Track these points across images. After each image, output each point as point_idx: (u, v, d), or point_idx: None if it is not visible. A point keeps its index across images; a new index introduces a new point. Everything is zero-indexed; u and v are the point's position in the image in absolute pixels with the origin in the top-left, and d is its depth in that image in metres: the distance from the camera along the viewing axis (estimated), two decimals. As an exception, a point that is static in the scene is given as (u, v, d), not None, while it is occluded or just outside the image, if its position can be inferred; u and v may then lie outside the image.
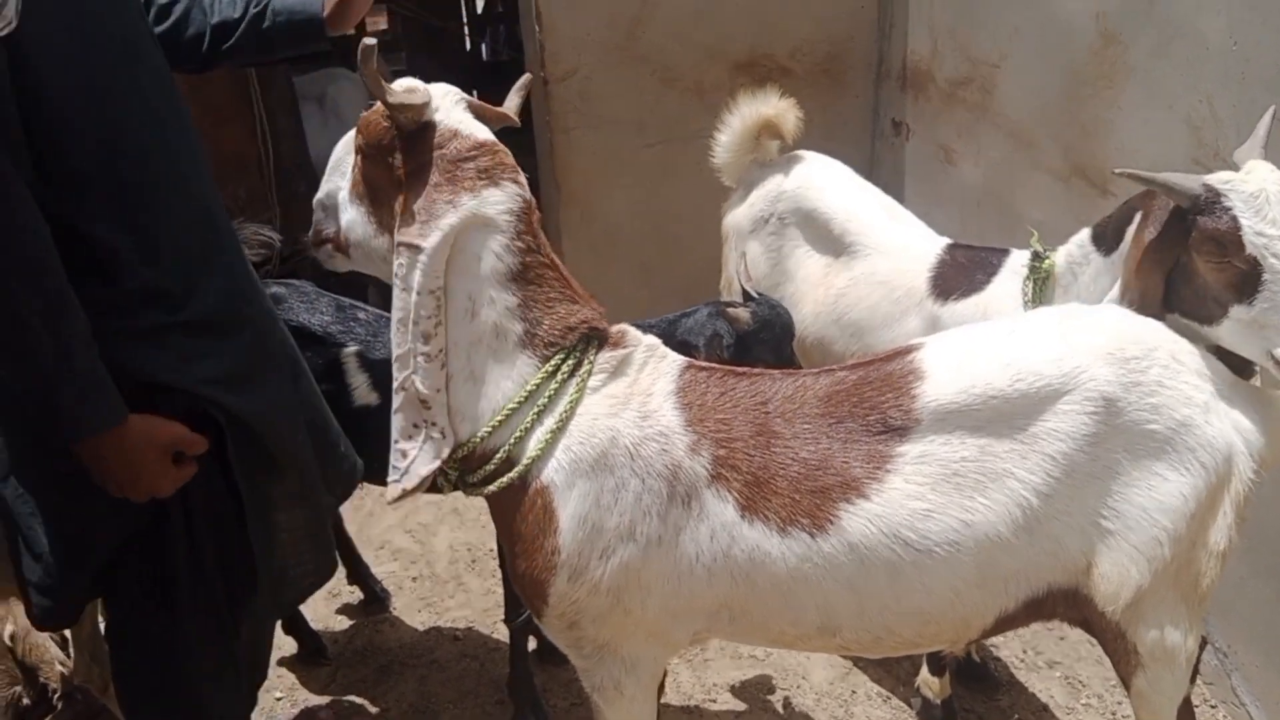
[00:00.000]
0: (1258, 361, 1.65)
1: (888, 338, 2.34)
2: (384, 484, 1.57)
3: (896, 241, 2.41)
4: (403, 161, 1.48)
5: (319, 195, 1.64)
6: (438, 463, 1.52)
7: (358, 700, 2.73)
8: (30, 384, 1.44)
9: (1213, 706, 2.55)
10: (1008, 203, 3.23)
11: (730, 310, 2.11)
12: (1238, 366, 1.66)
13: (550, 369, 1.53)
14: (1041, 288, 2.01)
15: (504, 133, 1.63)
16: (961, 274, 2.22)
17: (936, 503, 1.50)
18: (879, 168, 4.14)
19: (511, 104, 1.67)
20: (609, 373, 1.56)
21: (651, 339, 1.64)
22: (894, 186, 4.03)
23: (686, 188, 3.97)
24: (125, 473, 1.52)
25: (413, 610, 3.04)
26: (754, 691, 2.68)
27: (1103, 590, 1.56)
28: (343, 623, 3.04)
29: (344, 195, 1.60)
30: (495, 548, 3.31)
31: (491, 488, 1.55)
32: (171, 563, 1.72)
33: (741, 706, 2.64)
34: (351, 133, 1.56)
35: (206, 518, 1.73)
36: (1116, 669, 1.71)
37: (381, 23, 10.03)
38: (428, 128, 1.49)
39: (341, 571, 3.10)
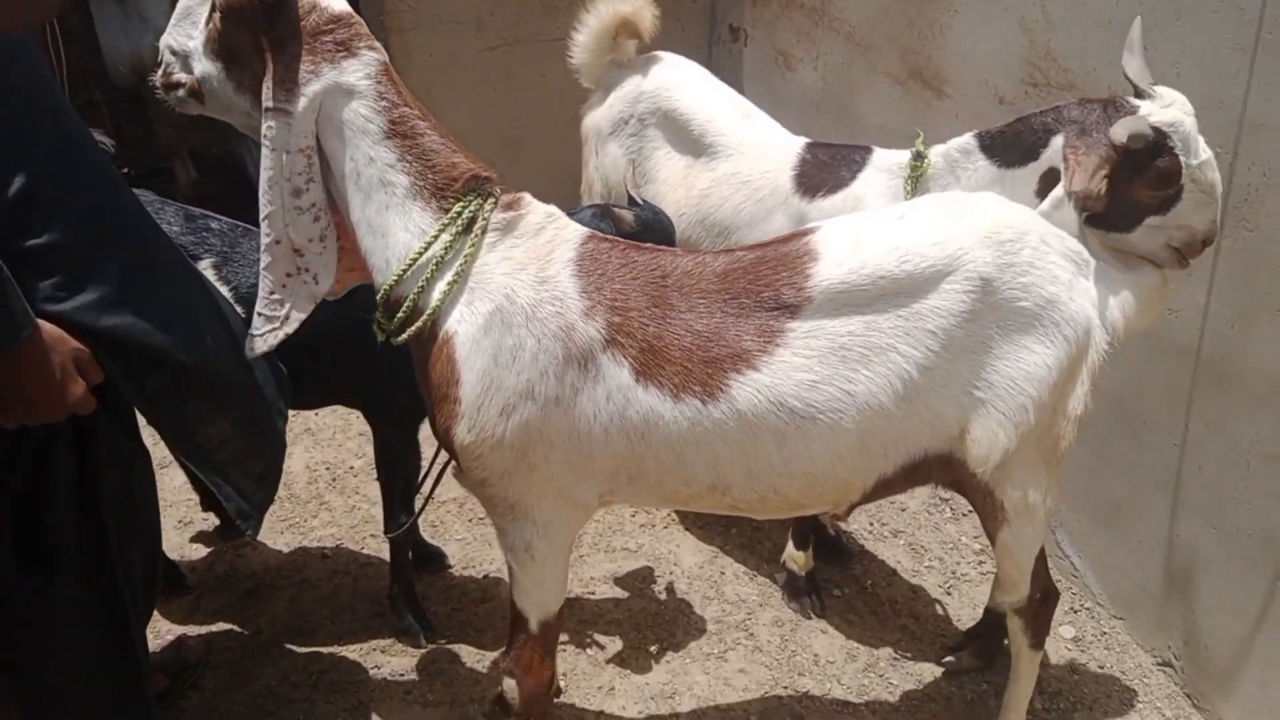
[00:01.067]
0: (1154, 254, 1.88)
1: (754, 236, 2.40)
2: None
3: (755, 141, 2.47)
4: (265, 31, 1.54)
5: (168, 40, 1.66)
6: (312, 305, 1.64)
7: (226, 625, 2.64)
8: None
9: (1037, 560, 2.86)
10: (846, 106, 3.36)
11: (615, 210, 2.12)
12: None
13: (445, 220, 1.59)
14: (917, 185, 2.12)
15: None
16: (825, 171, 2.30)
17: (822, 374, 1.62)
18: (717, 72, 4.14)
19: None
20: (503, 231, 1.63)
21: (550, 207, 1.71)
22: (733, 90, 4.10)
23: (530, 91, 3.91)
24: (42, 384, 1.42)
25: (275, 533, 2.94)
26: (629, 581, 2.78)
27: (974, 453, 1.72)
28: (200, 550, 2.90)
29: (197, 47, 1.62)
30: (354, 466, 3.25)
31: (405, 335, 1.64)
32: (57, 515, 1.63)
33: (620, 594, 2.74)
34: None
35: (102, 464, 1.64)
36: (984, 524, 1.89)
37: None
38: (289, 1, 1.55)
39: (193, 498, 2.96)
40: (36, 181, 1.44)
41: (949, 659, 2.50)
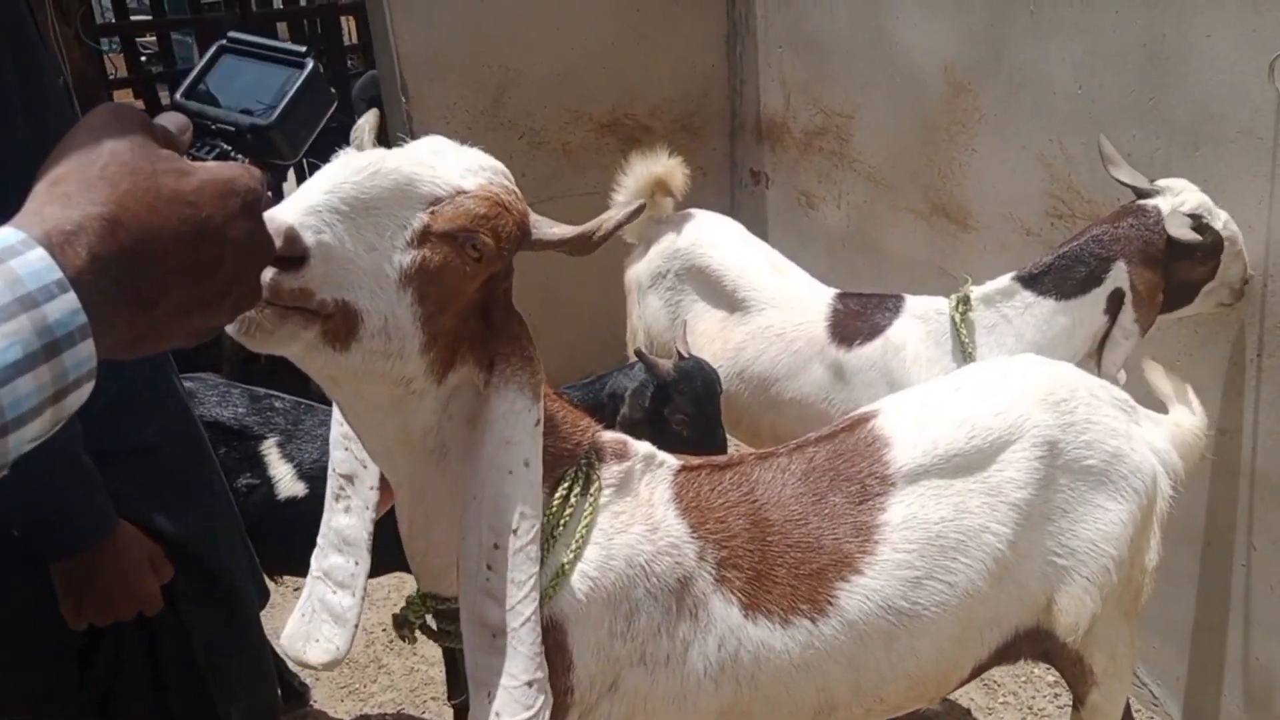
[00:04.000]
0: (1206, 311, 2.14)
1: (793, 386, 2.46)
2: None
3: (787, 295, 2.55)
4: (506, 286, 1.25)
5: (324, 239, 1.02)
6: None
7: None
8: (40, 491, 1.34)
9: (1113, 688, 2.78)
10: (872, 241, 3.46)
11: (652, 359, 2.18)
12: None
13: (563, 492, 1.36)
14: (966, 328, 2.18)
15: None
16: (859, 320, 2.37)
17: (924, 568, 1.53)
18: (739, 214, 4.31)
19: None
20: (616, 487, 1.42)
21: (647, 446, 1.51)
22: (756, 231, 4.19)
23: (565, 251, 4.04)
24: (119, 582, 1.44)
25: (335, 700, 2.92)
26: None
27: (1063, 623, 1.64)
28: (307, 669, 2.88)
29: (384, 268, 1.08)
30: (410, 625, 3.24)
31: None
32: (132, 707, 1.65)
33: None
34: (391, 174, 1.07)
35: (168, 654, 1.66)
36: (1073, 690, 1.80)
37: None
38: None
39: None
40: (131, 385, 1.50)
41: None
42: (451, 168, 1.12)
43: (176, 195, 0.68)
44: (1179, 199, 2.01)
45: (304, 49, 0.79)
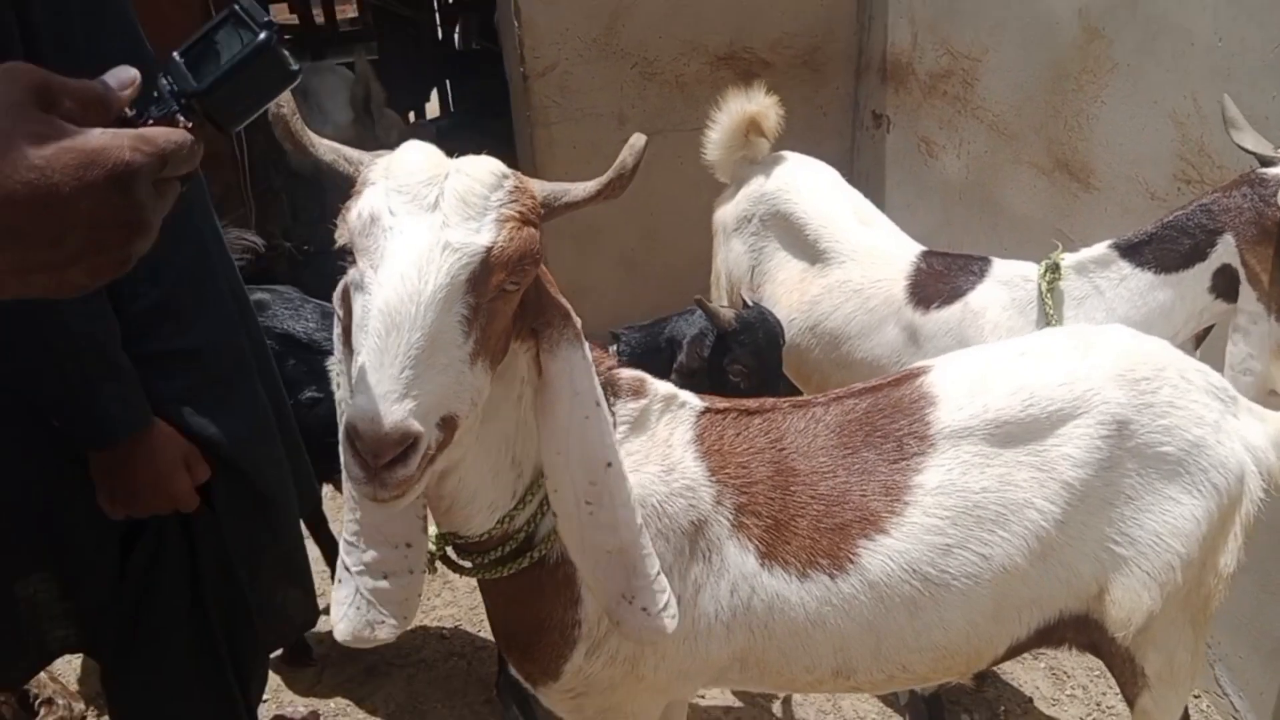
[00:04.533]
0: None
1: (865, 346, 2.33)
2: None
3: (870, 248, 2.41)
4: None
5: (422, 408, 1.03)
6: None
7: (344, 701, 2.71)
8: (77, 381, 1.41)
9: (1196, 696, 2.59)
10: (989, 195, 3.24)
11: (713, 307, 2.10)
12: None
13: None
14: (1054, 298, 2.01)
15: (481, 121, 1.43)
16: (940, 281, 2.22)
17: (956, 537, 1.46)
18: (860, 159, 4.15)
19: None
20: (631, 425, 1.43)
21: (667, 386, 1.51)
22: (874, 178, 4.04)
23: (667, 180, 3.96)
24: (151, 478, 1.50)
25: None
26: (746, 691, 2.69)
27: (1114, 616, 1.53)
28: (326, 624, 3.00)
29: (460, 371, 1.08)
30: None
31: (505, 570, 1.38)
32: (170, 599, 1.72)
33: (733, 702, 2.65)
34: (434, 296, 1.04)
35: (203, 550, 1.72)
36: (1122, 690, 1.68)
37: (351, 11, 9.94)
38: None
39: (326, 572, 3.07)
40: (173, 292, 1.54)
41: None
42: (462, 227, 1.07)
43: (23, 159, 0.68)
44: None
45: (269, 21, 0.75)
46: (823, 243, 2.45)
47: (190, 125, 0.79)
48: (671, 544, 1.42)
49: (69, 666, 2.76)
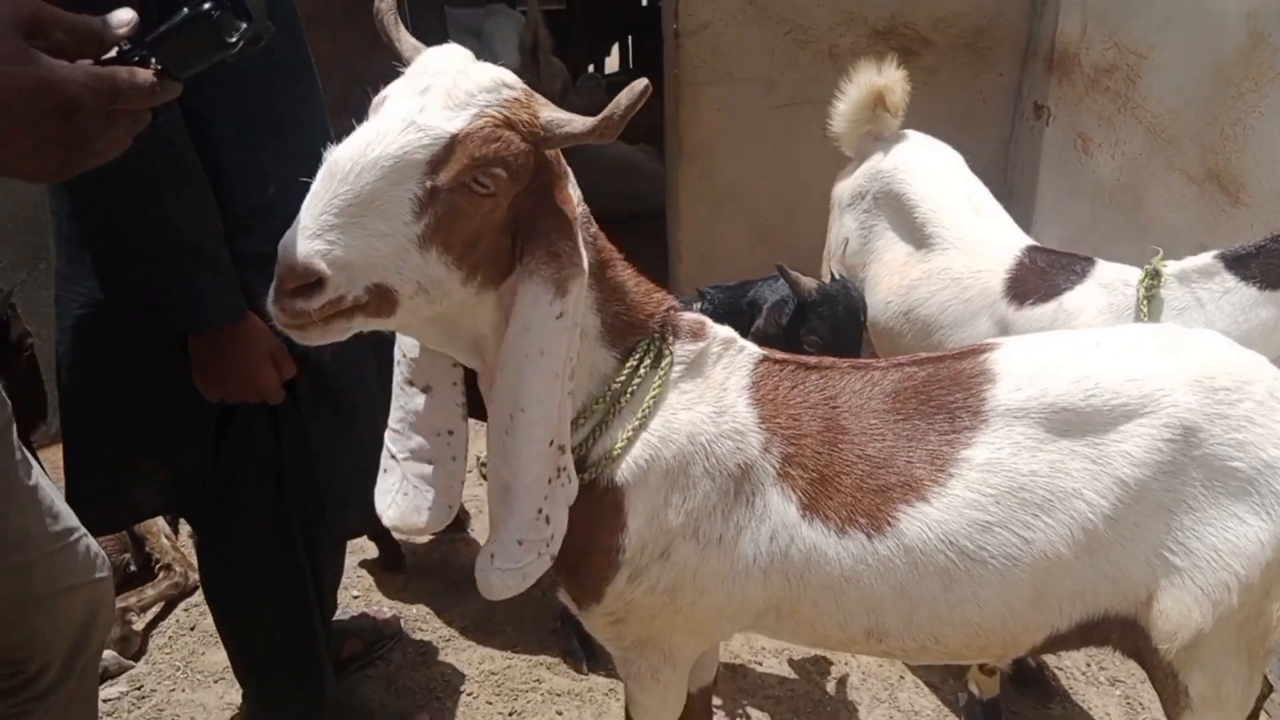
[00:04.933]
0: None
1: (956, 338, 2.28)
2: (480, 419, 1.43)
3: (975, 238, 2.34)
4: (530, 192, 1.25)
5: (335, 255, 1.10)
6: (566, 511, 1.37)
7: (425, 610, 2.90)
8: (176, 273, 1.58)
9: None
10: (1140, 200, 3.08)
11: (795, 275, 2.10)
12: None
13: (633, 363, 1.44)
14: (1150, 306, 1.93)
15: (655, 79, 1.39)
16: (1040, 278, 2.14)
17: (998, 515, 1.45)
18: (1016, 150, 4.00)
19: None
20: (688, 365, 1.49)
21: (727, 331, 1.56)
22: (1028, 171, 3.89)
23: (811, 151, 3.91)
24: (240, 367, 1.67)
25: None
26: (802, 664, 2.72)
27: (1160, 626, 1.49)
28: (424, 536, 3.21)
29: (401, 245, 1.15)
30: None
31: None
32: (255, 482, 1.89)
33: (788, 674, 2.69)
34: (375, 164, 1.11)
35: (287, 442, 1.89)
36: (1164, 705, 1.64)
37: (545, -41, 10.13)
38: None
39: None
40: (278, 196, 1.67)
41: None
42: (437, 113, 1.14)
43: None
44: None
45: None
46: (930, 227, 2.41)
47: (159, 69, 0.91)
48: (717, 484, 1.47)
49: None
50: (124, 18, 0.91)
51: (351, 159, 1.11)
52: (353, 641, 2.66)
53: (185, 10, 0.92)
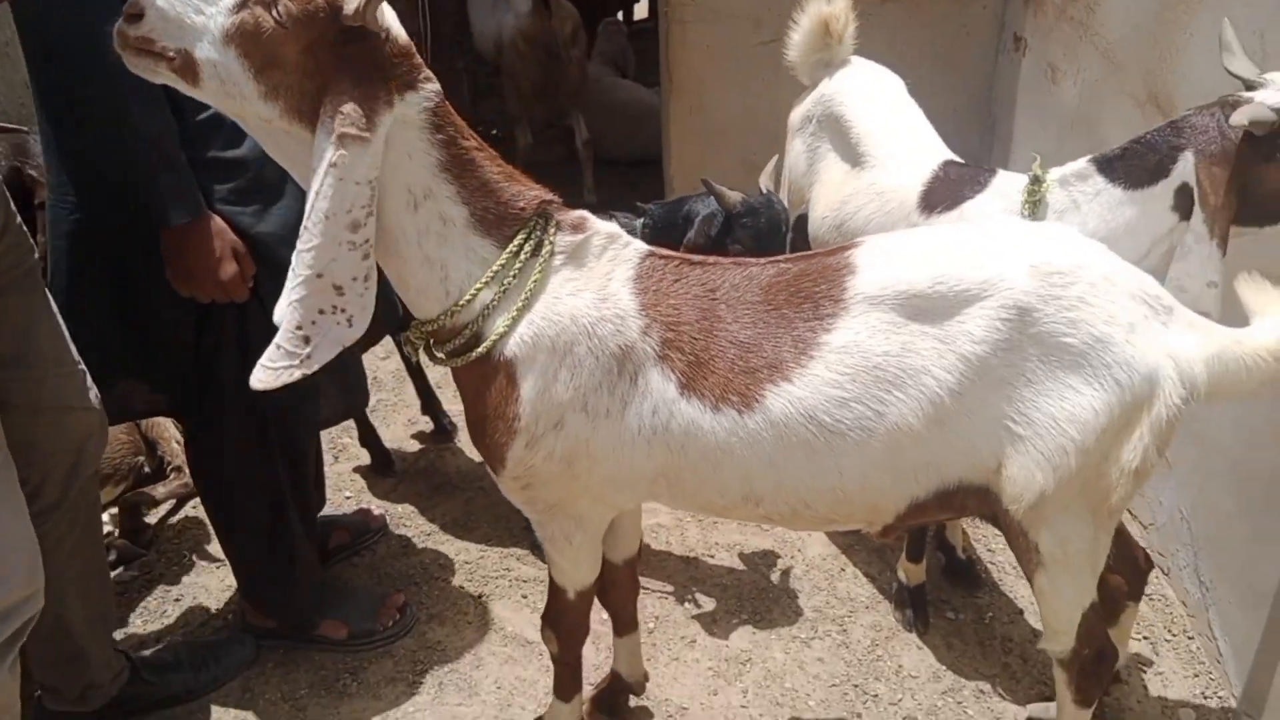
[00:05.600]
0: None
1: None
2: None
3: (900, 156, 2.47)
4: (334, 50, 1.43)
5: (161, 2, 1.39)
6: (339, 349, 1.53)
7: (411, 508, 3.15)
8: (138, 173, 1.82)
9: (1190, 637, 2.60)
10: (1094, 126, 3.17)
11: (719, 188, 2.27)
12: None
13: (513, 249, 1.61)
14: (1035, 211, 2.07)
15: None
16: (949, 188, 2.28)
17: (854, 392, 1.61)
18: (998, 81, 4.08)
19: None
20: (568, 254, 1.66)
21: (612, 226, 1.73)
22: (1007, 102, 3.98)
23: (797, 87, 4.05)
24: (202, 262, 1.90)
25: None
26: (750, 557, 2.92)
27: (1008, 490, 1.65)
28: (413, 445, 3.47)
29: (211, 27, 1.40)
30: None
31: (459, 361, 1.66)
32: (226, 373, 2.13)
33: (737, 565, 2.89)
34: None
35: (253, 334, 2.11)
36: (1021, 565, 1.81)
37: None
38: (368, 28, 1.45)
39: (418, 402, 3.52)
40: None
41: (1037, 706, 2.39)
42: None
43: None
44: (1271, 93, 1.73)
45: None
46: (863, 146, 2.54)
47: None
48: (600, 362, 1.65)
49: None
50: None
51: None
52: (339, 533, 2.93)
53: None
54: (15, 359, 1.81)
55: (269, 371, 1.51)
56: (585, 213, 1.73)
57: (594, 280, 1.67)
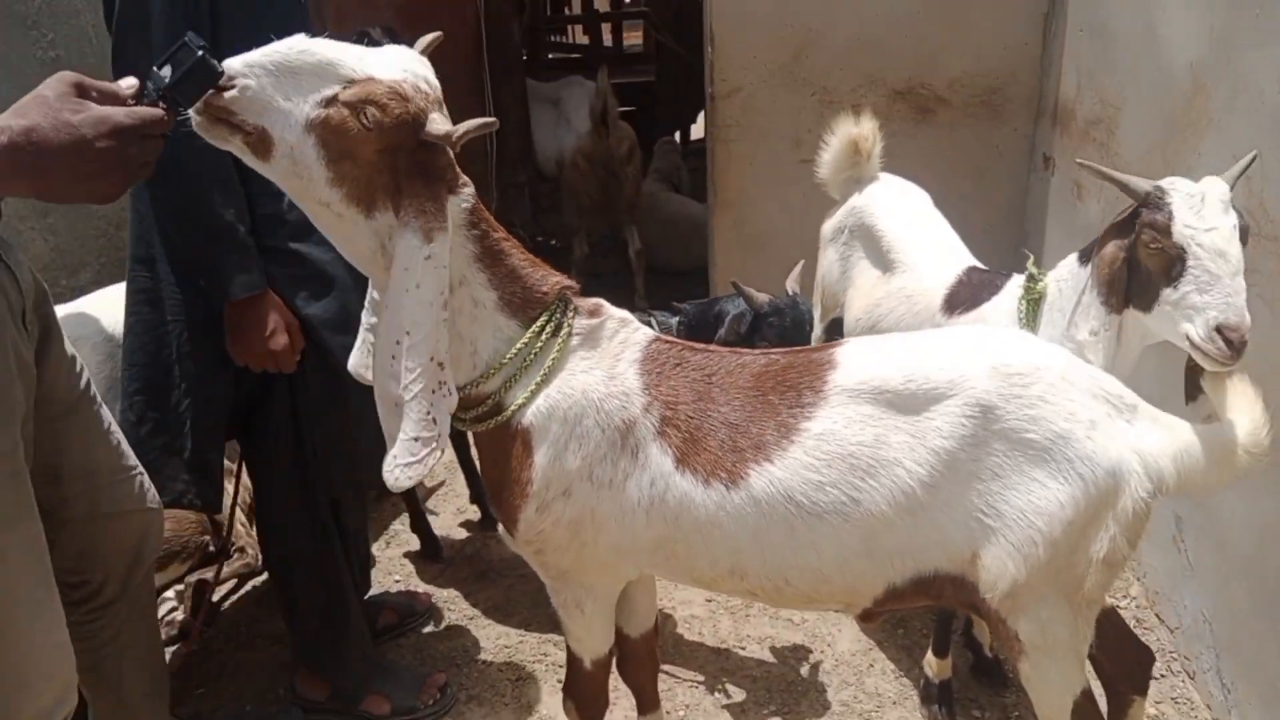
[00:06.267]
0: (1176, 342, 1.91)
1: None
2: None
3: (929, 263, 2.64)
4: (410, 159, 1.60)
5: (248, 76, 1.49)
6: (449, 418, 1.69)
7: (455, 593, 3.29)
8: (206, 249, 2.08)
9: (1218, 742, 2.60)
10: (1119, 241, 3.31)
11: (748, 290, 2.45)
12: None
13: (535, 329, 1.78)
14: (1034, 308, 2.22)
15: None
16: (970, 291, 2.43)
17: (830, 477, 1.74)
18: (1030, 199, 4.26)
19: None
20: (584, 336, 1.82)
21: (623, 313, 1.91)
22: (1038, 217, 4.15)
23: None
24: (258, 335, 2.13)
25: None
26: (781, 648, 2.99)
27: (984, 579, 1.74)
28: (460, 533, 3.63)
29: (295, 115, 1.52)
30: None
31: (481, 426, 1.82)
32: (277, 434, 2.35)
33: (767, 658, 2.96)
34: (317, 55, 1.52)
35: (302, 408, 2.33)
36: (1007, 654, 1.88)
37: (637, 37, 10.83)
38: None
39: (466, 491, 3.69)
40: (292, 207, 2.06)
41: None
42: (376, 64, 1.57)
43: (66, 122, 1.32)
44: (1179, 180, 1.90)
45: (204, 45, 1.39)
46: (893, 254, 2.71)
47: (164, 107, 1.40)
48: (606, 435, 1.80)
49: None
50: (130, 82, 1.43)
51: (310, 45, 1.53)
52: (387, 613, 3.07)
53: (175, 58, 1.38)
54: (77, 474, 1.93)
55: (410, 466, 1.65)
56: (600, 300, 1.91)
57: (605, 360, 1.84)
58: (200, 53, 1.38)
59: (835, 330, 2.99)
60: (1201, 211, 1.86)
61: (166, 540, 3.25)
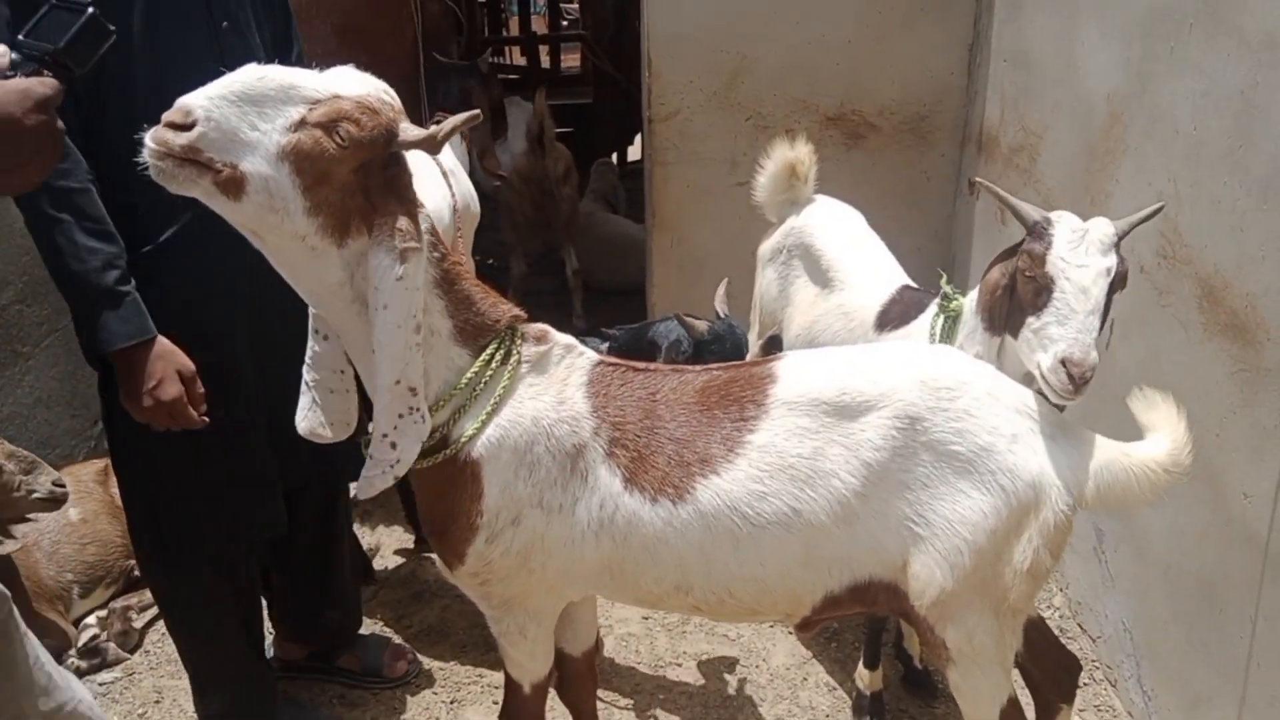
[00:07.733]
0: (1031, 370, 1.97)
1: None
2: None
3: (864, 280, 2.70)
4: (382, 175, 1.58)
5: (211, 113, 1.43)
6: (419, 445, 1.67)
7: (389, 614, 3.25)
8: (82, 305, 1.96)
9: (1139, 748, 2.68)
10: (1041, 264, 3.42)
11: (689, 319, 2.47)
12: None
13: (485, 359, 1.76)
14: (950, 326, 2.29)
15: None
16: (901, 310, 2.50)
17: (772, 488, 1.77)
18: (956, 223, 4.38)
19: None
20: (533, 364, 1.82)
21: (569, 338, 1.90)
22: (964, 241, 4.27)
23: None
24: (149, 381, 1.98)
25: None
26: (716, 664, 3.01)
27: (913, 586, 1.79)
28: (395, 558, 3.58)
29: (265, 145, 1.46)
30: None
31: (426, 462, 1.75)
32: None
33: (703, 674, 2.98)
34: (276, 80, 1.47)
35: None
36: (935, 662, 1.93)
37: (574, 59, 10.92)
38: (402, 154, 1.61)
39: (399, 512, 3.65)
40: (188, 228, 2.09)
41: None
42: (335, 83, 1.54)
43: None
44: (1067, 215, 1.98)
45: (88, 2, 1.26)
46: (831, 272, 2.77)
47: (49, 75, 1.24)
48: (556, 460, 1.79)
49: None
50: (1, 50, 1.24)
51: (266, 71, 1.49)
52: (350, 658, 2.95)
53: (45, 22, 1.25)
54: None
55: (366, 480, 1.68)
56: (546, 325, 1.91)
57: (553, 385, 1.84)
58: (90, 9, 1.26)
59: (773, 347, 3.04)
60: (1079, 248, 1.92)
61: (91, 566, 3.16)
